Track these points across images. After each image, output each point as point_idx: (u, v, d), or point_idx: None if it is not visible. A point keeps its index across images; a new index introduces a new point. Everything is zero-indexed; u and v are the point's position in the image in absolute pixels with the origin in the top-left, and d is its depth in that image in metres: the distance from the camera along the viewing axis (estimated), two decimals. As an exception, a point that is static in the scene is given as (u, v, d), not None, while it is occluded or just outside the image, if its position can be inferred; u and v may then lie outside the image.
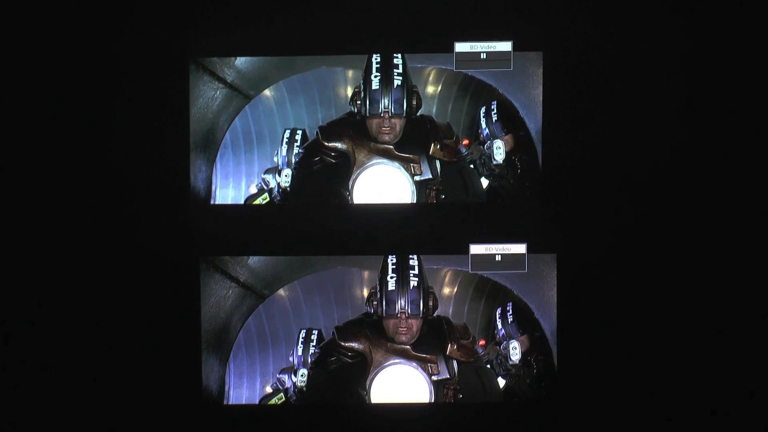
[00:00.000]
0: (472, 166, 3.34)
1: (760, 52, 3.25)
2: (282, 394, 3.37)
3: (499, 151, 3.32)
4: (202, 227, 3.24)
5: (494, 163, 3.32)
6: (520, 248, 3.25)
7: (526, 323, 3.37)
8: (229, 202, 3.38)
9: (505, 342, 3.36)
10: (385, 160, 3.27)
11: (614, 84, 3.23)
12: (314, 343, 3.37)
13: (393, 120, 3.22)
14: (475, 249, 3.24)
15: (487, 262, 3.26)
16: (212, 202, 3.33)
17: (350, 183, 3.25)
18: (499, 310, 3.43)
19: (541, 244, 3.23)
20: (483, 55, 3.26)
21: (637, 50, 3.24)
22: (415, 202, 3.23)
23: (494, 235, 3.23)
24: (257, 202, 3.38)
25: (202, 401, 3.27)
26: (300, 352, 3.35)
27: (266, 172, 3.43)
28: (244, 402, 3.42)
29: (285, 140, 3.37)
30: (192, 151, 3.27)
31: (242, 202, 3.40)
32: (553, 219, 3.23)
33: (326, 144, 3.24)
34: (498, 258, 3.24)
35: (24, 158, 3.14)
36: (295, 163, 3.34)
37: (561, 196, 3.22)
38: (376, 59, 3.23)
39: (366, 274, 3.45)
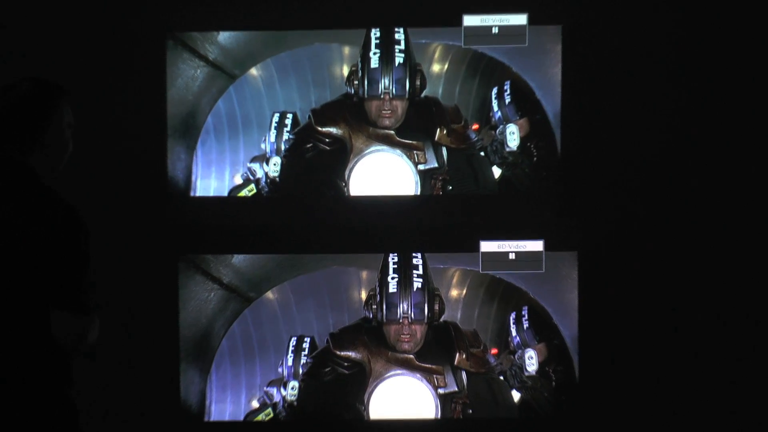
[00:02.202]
0: (482, 153, 3.28)
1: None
2: (270, 409, 3.29)
3: (512, 136, 3.25)
4: (180, 222, 3.16)
5: (507, 150, 3.26)
6: (536, 245, 3.17)
7: (543, 329, 3.29)
8: (212, 194, 3.31)
9: (520, 350, 3.28)
10: (385, 147, 3.19)
11: (642, 61, 3.15)
12: (306, 352, 3.28)
13: (394, 102, 3.15)
14: (486, 246, 3.17)
15: (499, 261, 3.19)
16: (192, 194, 3.25)
17: (347, 172, 3.18)
18: (513, 315, 3.35)
19: (560, 241, 3.15)
20: (495, 30, 3.18)
21: (667, 22, 3.16)
22: (419, 193, 3.16)
23: (507, 230, 3.15)
24: (243, 193, 3.32)
25: (180, 417, 3.19)
26: (290, 362, 3.27)
27: (253, 160, 3.37)
28: (227, 418, 3.35)
29: (274, 125, 3.30)
30: (170, 138, 3.19)
31: (226, 194, 3.33)
32: (574, 212, 3.14)
33: (320, 129, 3.18)
34: (512, 256, 3.17)
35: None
36: (285, 150, 3.26)
37: (582, 187, 3.14)
38: (375, 34, 3.17)
39: (364, 274, 3.39)
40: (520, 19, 3.13)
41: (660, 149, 3.13)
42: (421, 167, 3.22)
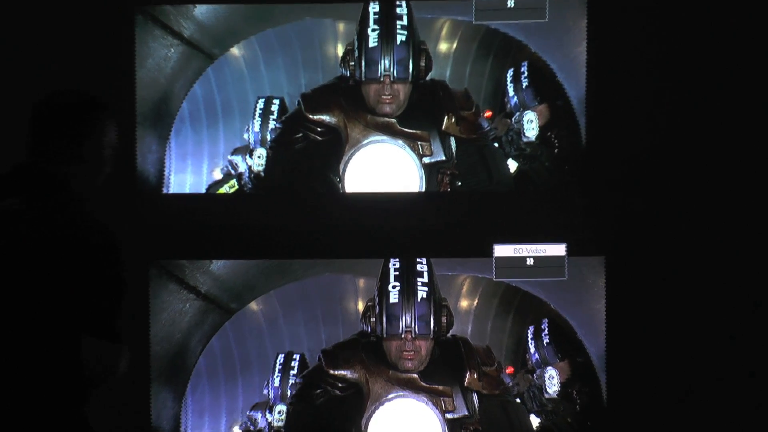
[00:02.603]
0: (496, 144, 3.21)
1: None
2: (254, 436, 3.16)
3: (530, 125, 3.17)
4: (151, 223, 3.06)
5: (525, 140, 3.18)
6: (558, 249, 3.05)
7: (566, 345, 3.20)
8: (187, 191, 3.26)
9: (539, 369, 3.20)
10: (385, 138, 3.11)
11: (679, 38, 3.03)
12: (295, 372, 3.20)
13: (396, 86, 3.07)
14: (501, 250, 3.05)
15: (515, 267, 3.06)
16: (165, 192, 3.20)
17: (341, 166, 3.10)
18: (531, 329, 3.26)
19: (586, 244, 3.05)
20: (510, 3, 3.07)
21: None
22: (423, 190, 3.08)
23: (525, 232, 3.05)
24: (222, 190, 3.26)
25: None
26: (277, 383, 3.19)
27: (234, 152, 3.30)
28: (205, 448, 3.23)
29: (258, 112, 3.25)
30: (139, 126, 3.09)
31: (203, 191, 3.27)
32: (601, 212, 3.04)
33: (311, 117, 3.12)
34: (530, 262, 3.05)
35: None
36: (272, 141, 3.20)
37: (610, 183, 3.03)
38: (374, 8, 3.07)
39: (361, 282, 3.33)
40: (539, -10, 2.99)
41: (699, 140, 3.03)
42: (426, 160, 3.14)
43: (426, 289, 3.07)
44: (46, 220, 2.09)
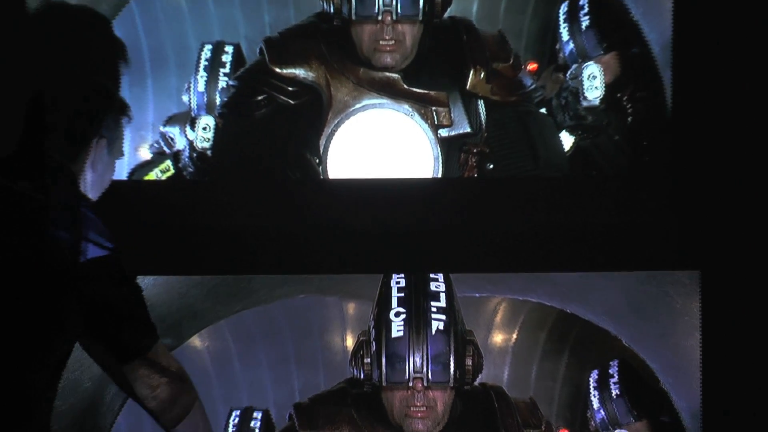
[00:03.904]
0: (544, 110, 2.92)
1: None
2: None
3: (593, 82, 2.82)
4: None
5: (585, 104, 2.85)
6: None
7: (644, 399, 2.89)
8: None
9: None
10: (384, 100, 2.76)
11: None
12: None
13: (399, 27, 2.73)
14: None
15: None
16: None
17: (322, 141, 2.76)
18: (594, 375, 2.95)
19: (673, 254, 2.65)
20: None
21: None
22: (439, 176, 2.76)
23: (587, 237, 2.62)
24: (152, 176, 2.94)
25: None
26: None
27: (169, 122, 3.03)
28: None
29: (204, 64, 2.97)
30: None
31: (125, 176, 2.94)
32: (694, 208, 2.64)
33: (278, 71, 2.80)
34: None
35: None
36: (222, 105, 2.90)
37: (708, 166, 2.64)
38: None
39: (351, 307, 3.02)
40: None
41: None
42: (443, 133, 2.82)
43: (443, 317, 2.75)
44: (66, 214, 2.03)
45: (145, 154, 3.02)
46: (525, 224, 2.77)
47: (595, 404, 2.98)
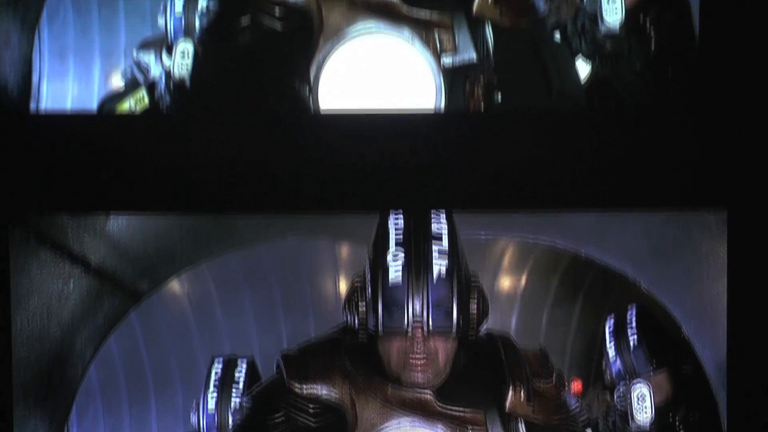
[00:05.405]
0: (558, 35, 2.86)
1: None
2: (182, 489, 2.99)
3: (613, 4, 2.75)
4: (12, 158, 2.49)
5: (604, 28, 2.77)
6: None
7: (664, 348, 2.81)
8: (69, 107, 2.84)
9: (622, 385, 2.77)
10: (383, 25, 2.68)
11: None
12: (240, 386, 2.74)
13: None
14: None
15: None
16: (33, 108, 2.75)
17: (313, 69, 2.67)
18: (610, 322, 2.85)
19: (698, 192, 2.48)
20: None
21: None
22: (443, 108, 2.66)
23: (604, 174, 2.45)
24: (125, 106, 2.80)
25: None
26: (212, 404, 2.73)
27: (143, 47, 2.89)
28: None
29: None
30: None
31: (95, 107, 2.79)
32: (722, 144, 2.46)
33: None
34: None
35: None
36: (203, 29, 2.81)
37: (738, 98, 2.45)
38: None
39: (344, 250, 2.81)
40: None
41: None
42: (447, 60, 2.74)
43: (446, 260, 2.63)
44: None
45: (117, 83, 2.86)
46: (536, 160, 2.57)
47: (611, 354, 2.90)
